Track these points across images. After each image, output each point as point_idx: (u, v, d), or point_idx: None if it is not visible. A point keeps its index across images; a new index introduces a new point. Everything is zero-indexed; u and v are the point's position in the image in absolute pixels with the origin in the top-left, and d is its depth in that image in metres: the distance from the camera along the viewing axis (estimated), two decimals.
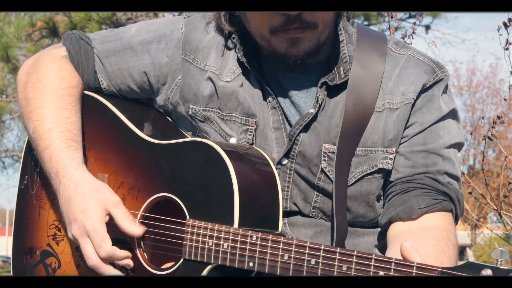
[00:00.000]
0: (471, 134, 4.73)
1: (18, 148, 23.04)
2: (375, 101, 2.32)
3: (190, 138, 2.39)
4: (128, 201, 2.34)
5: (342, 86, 2.32)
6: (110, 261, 2.28)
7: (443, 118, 2.35)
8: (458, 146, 2.40)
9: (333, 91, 2.33)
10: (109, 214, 2.28)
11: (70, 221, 2.28)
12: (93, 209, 2.26)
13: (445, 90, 2.39)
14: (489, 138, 4.15)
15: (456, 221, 2.34)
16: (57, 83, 2.44)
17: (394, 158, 2.33)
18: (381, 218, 2.35)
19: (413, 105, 2.33)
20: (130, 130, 2.41)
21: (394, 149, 2.33)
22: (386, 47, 2.39)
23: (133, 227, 2.27)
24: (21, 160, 2.63)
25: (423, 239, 2.17)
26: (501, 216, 4.62)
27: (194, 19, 2.47)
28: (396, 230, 2.29)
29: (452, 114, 2.39)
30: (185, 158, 2.26)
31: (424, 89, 2.33)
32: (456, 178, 2.37)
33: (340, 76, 2.32)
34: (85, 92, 2.52)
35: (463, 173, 3.92)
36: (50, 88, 2.43)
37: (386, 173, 2.35)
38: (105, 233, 2.25)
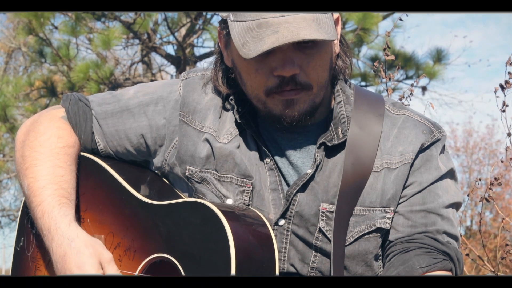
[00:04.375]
0: (468, 195, 4.71)
1: (14, 208, 22.95)
2: (373, 161, 2.33)
3: (186, 199, 2.38)
4: (125, 262, 2.32)
5: (340, 146, 2.33)
6: None
7: (441, 178, 2.36)
8: (456, 205, 2.41)
9: (331, 151, 2.34)
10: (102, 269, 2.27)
11: None
12: (89, 263, 2.24)
13: (443, 150, 2.40)
14: (486, 199, 4.13)
15: None
16: (54, 142, 2.45)
17: (393, 217, 2.34)
18: None
19: (411, 165, 2.34)
20: (126, 191, 2.41)
21: (392, 208, 2.33)
22: (383, 108, 2.41)
23: None
24: (17, 221, 2.62)
25: None
26: None
27: (192, 81, 2.48)
28: None
29: (450, 174, 2.40)
30: (182, 218, 2.25)
31: (422, 149, 2.35)
32: (455, 237, 2.37)
33: (338, 137, 2.33)
34: (82, 153, 2.52)
35: (460, 235, 3.90)
36: (46, 146, 2.44)
37: (384, 233, 2.35)
38: None
